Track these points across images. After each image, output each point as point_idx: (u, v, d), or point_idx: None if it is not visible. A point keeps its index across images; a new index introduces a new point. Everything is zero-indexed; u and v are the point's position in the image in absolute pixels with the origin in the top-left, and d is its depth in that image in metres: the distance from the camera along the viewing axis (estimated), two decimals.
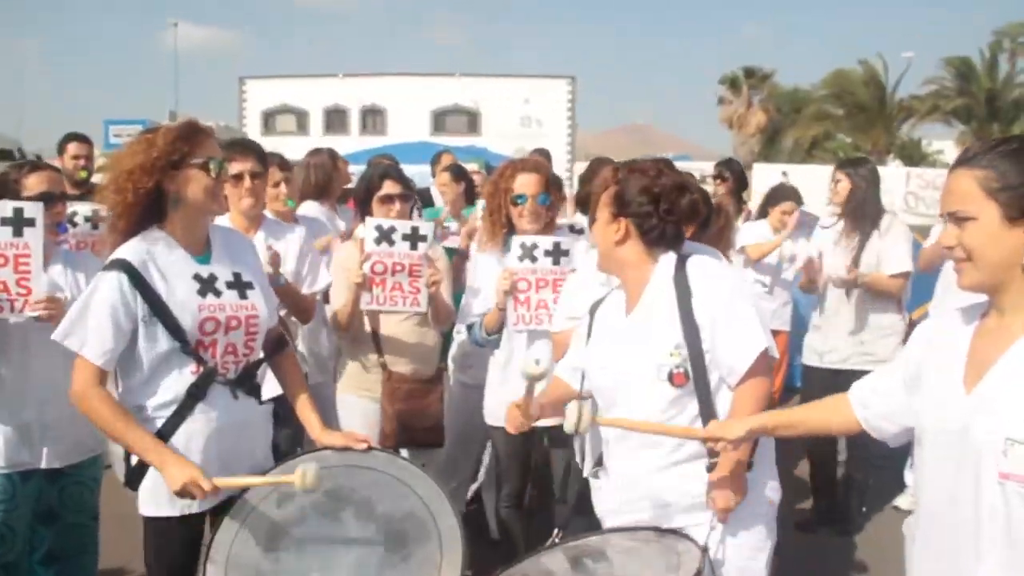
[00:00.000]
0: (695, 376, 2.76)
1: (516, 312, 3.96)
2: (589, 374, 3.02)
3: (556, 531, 2.99)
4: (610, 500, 2.98)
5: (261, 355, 3.14)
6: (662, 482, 2.82)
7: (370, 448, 3.04)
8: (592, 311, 3.12)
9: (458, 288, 4.74)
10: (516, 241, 3.98)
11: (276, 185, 4.72)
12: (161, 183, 2.81)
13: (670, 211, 2.87)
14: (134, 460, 2.89)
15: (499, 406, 4.11)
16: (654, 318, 2.83)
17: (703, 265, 2.88)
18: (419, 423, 4.27)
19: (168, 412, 2.86)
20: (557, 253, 3.96)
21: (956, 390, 2.08)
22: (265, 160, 4.30)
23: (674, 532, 2.72)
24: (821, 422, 2.57)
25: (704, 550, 2.58)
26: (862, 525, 5.55)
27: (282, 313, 4.28)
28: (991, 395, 2.00)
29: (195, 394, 2.87)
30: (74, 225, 4.15)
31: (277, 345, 3.23)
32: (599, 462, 3.11)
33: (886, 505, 5.84)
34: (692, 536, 2.68)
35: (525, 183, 4.05)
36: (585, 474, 3.19)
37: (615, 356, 2.90)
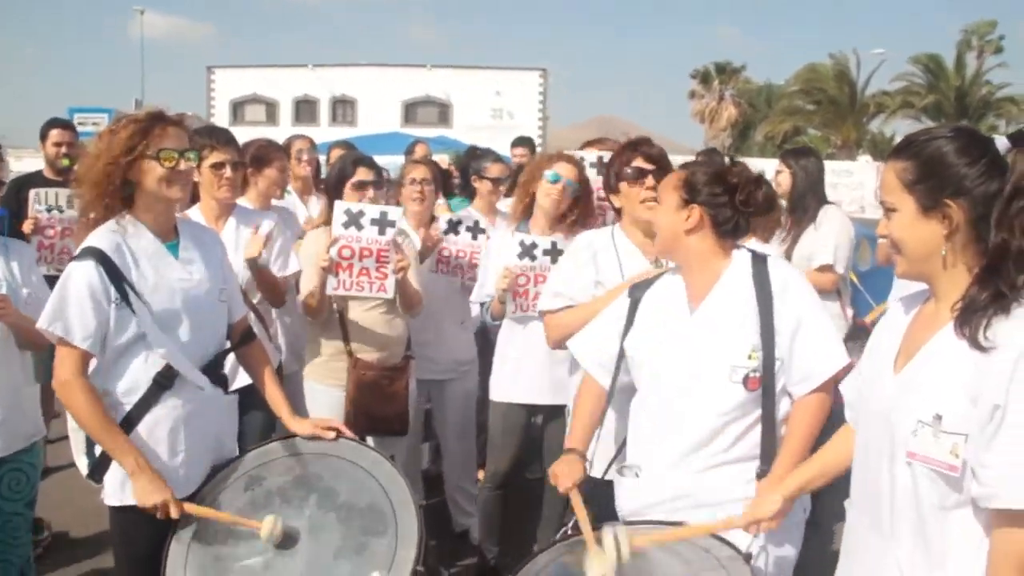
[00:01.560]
0: (765, 382, 2.70)
1: (515, 302, 4.23)
2: (641, 367, 2.91)
3: (567, 525, 2.86)
4: (640, 498, 2.89)
5: (227, 345, 3.15)
6: (706, 482, 2.74)
7: (339, 436, 3.06)
8: (636, 299, 3.01)
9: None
10: (516, 238, 4.23)
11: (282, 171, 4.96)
12: (125, 173, 2.82)
13: (746, 203, 2.81)
14: (97, 452, 2.87)
15: (502, 382, 4.45)
16: (729, 317, 2.75)
17: (786, 268, 2.85)
18: (384, 411, 4.24)
19: (135, 398, 2.85)
20: (554, 252, 4.19)
21: (886, 372, 2.14)
22: (240, 151, 4.33)
23: (718, 538, 2.59)
24: (840, 458, 2.46)
25: (749, 558, 2.50)
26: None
27: (255, 300, 4.26)
28: (912, 377, 2.03)
29: (161, 383, 2.87)
30: (60, 212, 4.09)
31: (244, 337, 3.24)
32: (620, 460, 3.05)
33: None
34: (733, 543, 2.56)
35: (563, 168, 4.27)
36: (595, 474, 3.09)
37: (680, 353, 2.79)
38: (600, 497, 3.10)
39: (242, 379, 3.46)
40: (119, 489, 2.87)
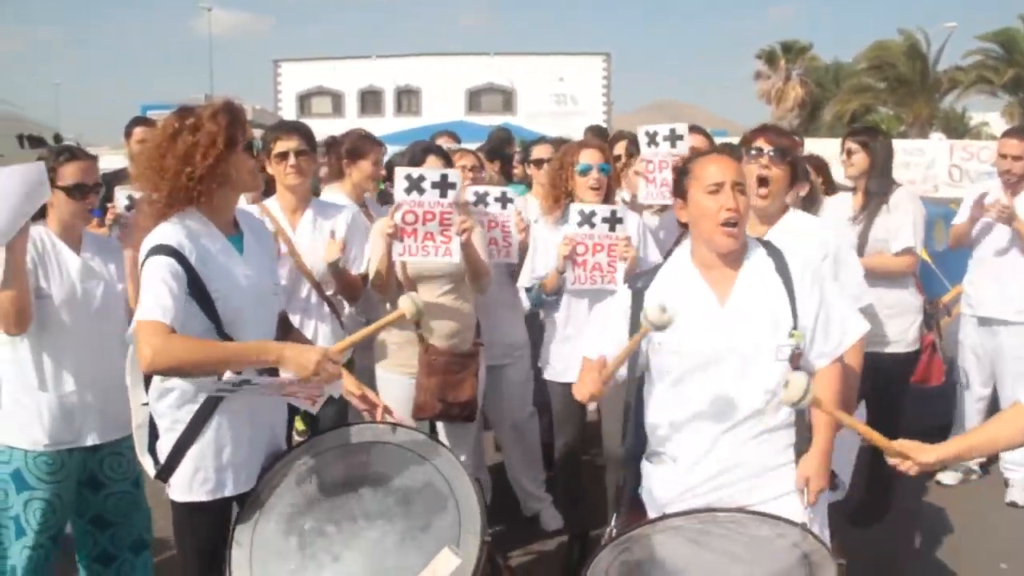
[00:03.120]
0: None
1: (574, 273, 4.37)
2: (673, 356, 2.95)
3: (611, 524, 3.01)
4: (678, 484, 2.95)
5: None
6: (747, 454, 2.89)
7: (385, 423, 3.06)
8: (638, 290, 3.06)
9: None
10: (575, 208, 4.38)
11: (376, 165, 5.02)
12: (216, 165, 2.80)
13: None
14: (162, 456, 2.91)
15: (558, 362, 4.56)
16: (763, 304, 2.91)
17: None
18: (454, 397, 4.29)
19: (199, 402, 2.87)
20: (613, 220, 4.36)
21: None
22: (312, 140, 4.40)
23: (764, 515, 2.68)
24: (993, 439, 2.71)
25: (804, 527, 2.62)
26: (906, 502, 5.47)
27: (329, 292, 4.34)
28: None
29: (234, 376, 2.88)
30: (129, 210, 4.14)
31: (284, 327, 3.27)
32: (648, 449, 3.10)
33: (928, 481, 5.78)
34: (786, 518, 2.66)
35: (589, 155, 4.52)
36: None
37: (720, 341, 2.89)
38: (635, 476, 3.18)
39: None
40: (186, 486, 2.89)
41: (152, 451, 2.97)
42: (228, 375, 2.73)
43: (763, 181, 3.61)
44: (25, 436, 3.52)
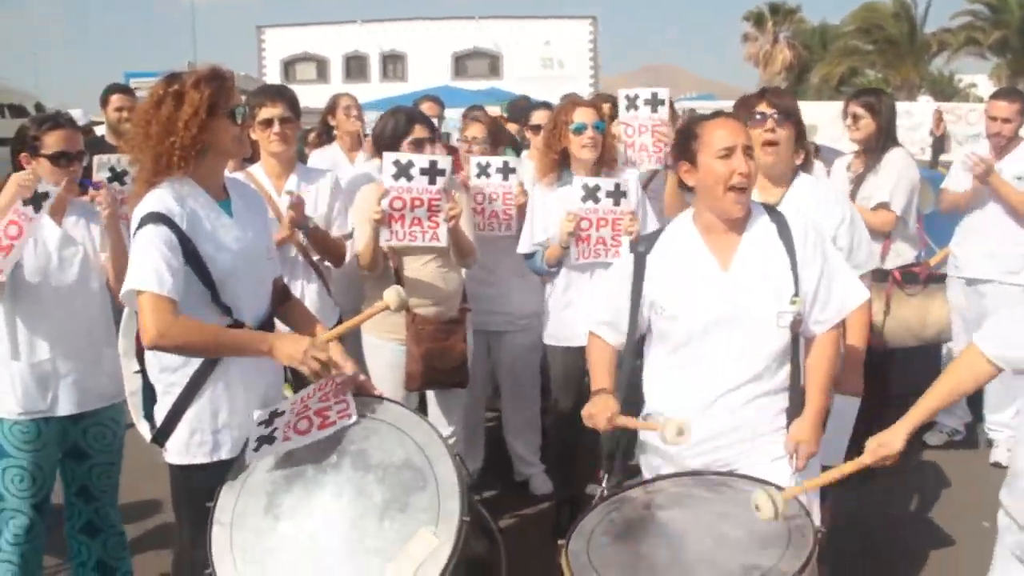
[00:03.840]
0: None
1: (578, 248, 4.37)
2: (674, 320, 2.95)
3: (603, 486, 3.03)
4: (670, 447, 2.93)
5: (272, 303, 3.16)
6: (743, 417, 2.92)
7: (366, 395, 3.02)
8: (640, 253, 3.05)
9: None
10: (579, 182, 4.34)
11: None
12: (199, 134, 2.79)
13: None
14: (159, 417, 2.92)
15: (559, 328, 4.59)
16: (765, 269, 2.91)
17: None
18: (444, 364, 4.30)
19: (197, 361, 2.88)
20: (617, 194, 4.33)
21: None
22: (296, 106, 4.35)
23: (754, 479, 2.74)
24: (953, 390, 2.81)
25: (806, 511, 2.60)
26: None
27: (315, 258, 4.32)
28: None
29: None
30: (122, 183, 4.11)
31: (283, 295, 3.27)
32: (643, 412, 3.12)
33: (914, 441, 5.79)
34: (776, 484, 2.63)
35: (583, 114, 4.45)
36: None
37: (722, 306, 2.89)
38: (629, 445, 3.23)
39: None
40: (183, 448, 2.92)
41: (149, 417, 2.97)
42: (257, 430, 2.82)
43: (771, 143, 3.61)
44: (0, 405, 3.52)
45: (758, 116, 3.66)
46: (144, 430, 3.03)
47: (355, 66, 45.46)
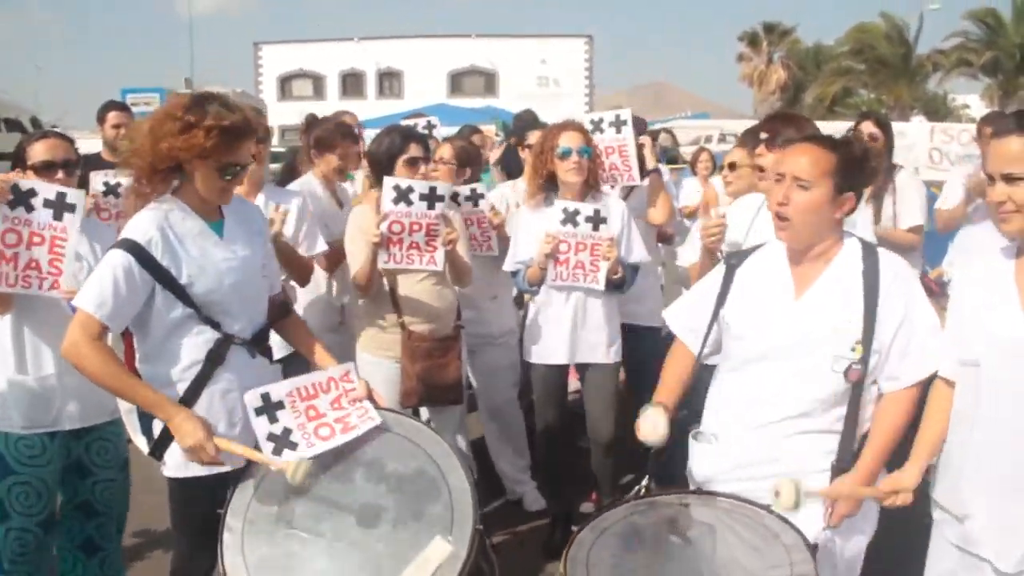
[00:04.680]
0: (862, 374, 2.72)
1: (555, 270, 4.37)
2: (739, 339, 2.91)
3: (644, 482, 2.92)
4: (715, 464, 2.92)
5: (268, 319, 3.20)
6: (787, 448, 2.77)
7: (378, 408, 3.08)
8: (731, 266, 3.01)
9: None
10: (559, 205, 4.34)
11: (343, 159, 4.91)
12: (184, 165, 2.85)
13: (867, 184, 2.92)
14: (157, 431, 2.94)
15: (541, 345, 4.59)
16: (836, 307, 2.75)
17: (897, 262, 2.81)
18: (439, 381, 4.31)
19: (190, 376, 2.92)
20: (596, 219, 4.32)
21: (1016, 314, 2.45)
22: (266, 127, 4.30)
23: (784, 520, 2.57)
24: (945, 418, 2.66)
25: (815, 549, 2.49)
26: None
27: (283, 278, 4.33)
28: None
29: (214, 358, 2.93)
30: (116, 196, 4.17)
31: (282, 311, 3.31)
32: (696, 427, 3.08)
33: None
34: (802, 531, 2.54)
35: (569, 138, 4.43)
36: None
37: (784, 336, 2.79)
38: (677, 458, 3.15)
39: (282, 350, 3.51)
40: (181, 462, 2.93)
41: (146, 431, 2.99)
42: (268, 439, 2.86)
43: (760, 168, 3.73)
44: (4, 419, 3.52)
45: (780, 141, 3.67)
46: (141, 444, 3.05)
47: (351, 83, 45.65)
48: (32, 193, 3.37)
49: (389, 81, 45.51)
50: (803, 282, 2.82)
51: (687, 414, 3.15)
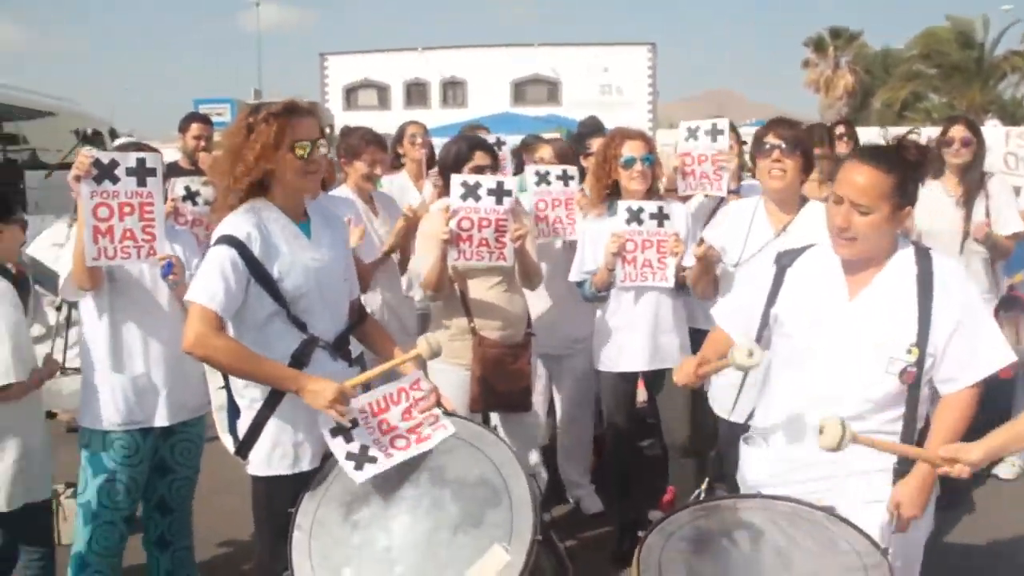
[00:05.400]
0: (916, 376, 2.72)
1: (624, 270, 4.42)
2: (790, 339, 2.91)
3: (702, 487, 2.94)
4: (768, 468, 2.92)
5: (348, 322, 3.29)
6: (837, 454, 2.65)
7: (447, 413, 3.14)
8: (782, 266, 3.00)
9: None
10: (623, 205, 4.41)
11: (372, 165, 4.87)
12: (266, 164, 2.97)
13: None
14: (242, 431, 3.07)
15: (610, 353, 4.63)
16: (890, 309, 2.75)
17: (951, 264, 2.83)
18: (508, 387, 4.33)
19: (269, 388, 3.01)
20: (660, 216, 4.40)
21: None
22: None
23: (851, 525, 2.60)
24: None
25: (885, 553, 2.51)
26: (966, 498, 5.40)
27: None
28: None
29: (299, 359, 3.02)
30: (195, 203, 4.32)
31: (360, 315, 3.40)
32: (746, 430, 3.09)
33: (985, 475, 5.69)
34: (872, 538, 2.55)
35: (632, 147, 4.50)
36: (736, 419, 3.24)
37: (837, 337, 2.80)
38: (732, 459, 3.15)
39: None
40: (265, 461, 3.06)
41: (232, 430, 3.12)
42: (344, 447, 2.94)
43: (779, 171, 3.83)
44: (101, 417, 3.66)
45: (767, 146, 3.84)
46: (228, 443, 3.15)
47: (415, 93, 46.01)
48: (114, 164, 3.46)
49: (453, 90, 45.79)
50: (857, 284, 2.83)
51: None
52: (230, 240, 2.92)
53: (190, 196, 4.33)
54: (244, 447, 3.07)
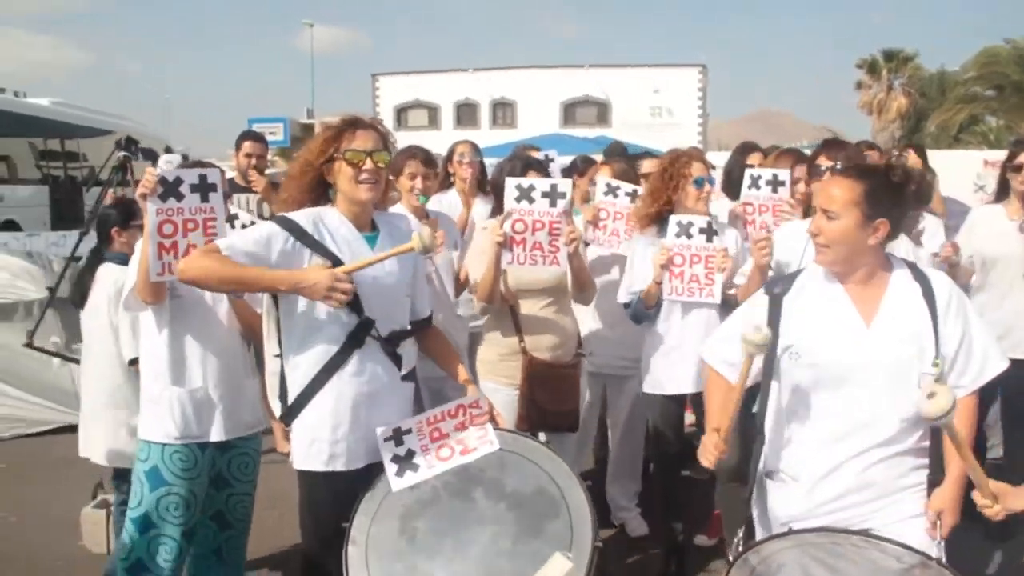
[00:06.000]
0: None
1: (671, 284, 4.42)
2: (811, 369, 2.88)
3: (740, 533, 2.91)
4: (800, 503, 2.90)
5: (408, 327, 3.35)
6: (876, 475, 2.81)
7: (498, 428, 3.19)
8: (776, 295, 3.01)
9: None
10: (673, 219, 4.42)
11: (412, 178, 4.81)
12: (322, 174, 3.14)
13: (909, 208, 2.96)
14: (291, 397, 3.15)
15: (658, 374, 4.61)
16: (908, 329, 2.83)
17: (948, 282, 2.94)
18: (556, 407, 4.34)
19: (327, 358, 3.11)
20: (710, 231, 4.39)
21: None
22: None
23: (893, 542, 2.61)
24: None
25: (939, 562, 2.56)
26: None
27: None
28: None
29: (354, 340, 3.11)
30: (232, 227, 4.37)
31: (424, 322, 3.47)
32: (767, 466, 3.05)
33: None
34: (915, 548, 2.58)
35: (701, 168, 4.52)
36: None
37: (862, 363, 2.82)
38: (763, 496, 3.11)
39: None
40: (303, 455, 3.15)
41: (284, 398, 3.19)
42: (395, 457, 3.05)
43: None
44: (160, 430, 3.75)
45: (820, 168, 3.92)
46: (276, 408, 3.24)
47: (465, 113, 46.30)
48: (179, 182, 3.51)
49: (503, 111, 46.01)
50: (868, 308, 2.88)
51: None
52: (280, 220, 3.08)
53: (229, 220, 4.38)
54: (290, 414, 3.16)
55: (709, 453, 2.89)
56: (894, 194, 2.85)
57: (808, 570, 2.65)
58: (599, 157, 9.14)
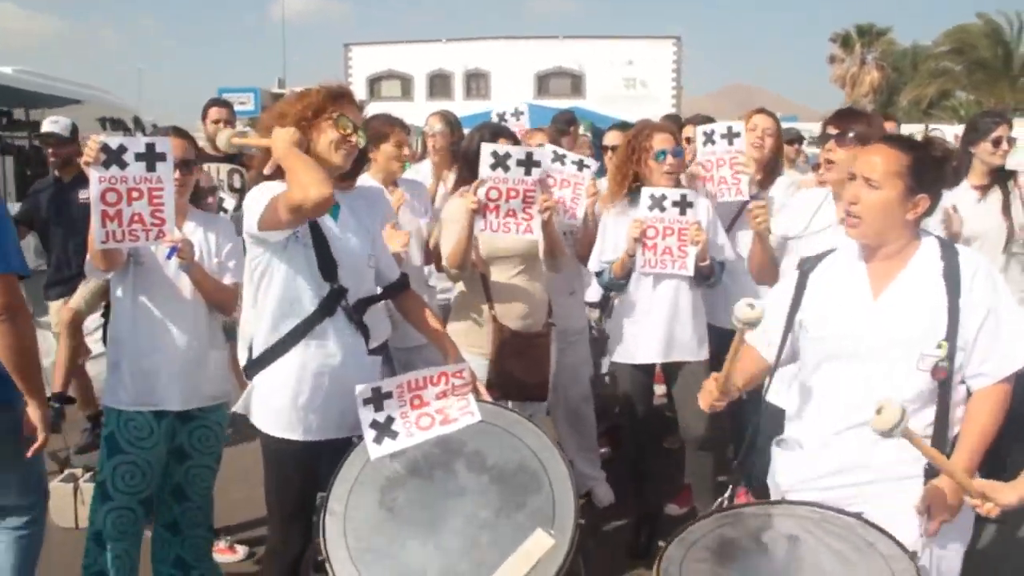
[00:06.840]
0: (948, 371, 2.65)
1: (643, 256, 4.42)
2: (818, 343, 2.86)
3: (727, 493, 2.92)
4: (799, 472, 2.88)
5: (376, 290, 3.37)
6: (876, 455, 2.68)
7: (480, 400, 3.17)
8: (805, 271, 2.97)
9: None
10: (646, 192, 4.40)
11: (399, 146, 4.81)
12: (305, 132, 3.07)
13: (945, 186, 2.83)
14: (256, 351, 3.14)
15: (628, 344, 4.62)
16: (918, 305, 2.70)
17: (977, 258, 2.76)
18: (527, 377, 4.34)
19: (294, 322, 3.09)
20: (683, 204, 4.37)
21: None
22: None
23: (880, 530, 2.52)
24: None
25: (914, 556, 2.43)
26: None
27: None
28: None
29: (323, 311, 3.10)
30: (224, 212, 4.33)
31: (398, 286, 3.48)
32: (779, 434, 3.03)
33: None
34: (900, 541, 2.47)
35: (663, 140, 4.47)
36: (770, 398, 3.14)
37: (865, 337, 2.74)
38: (763, 465, 3.12)
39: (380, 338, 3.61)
40: (263, 418, 3.15)
41: (250, 349, 3.18)
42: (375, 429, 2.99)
43: (828, 162, 3.75)
44: (115, 396, 3.74)
45: (831, 136, 3.81)
46: (242, 359, 3.22)
47: (439, 84, 46.00)
48: (122, 150, 3.39)
49: (476, 82, 45.73)
50: (880, 282, 2.79)
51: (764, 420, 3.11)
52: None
53: (208, 194, 4.34)
54: (251, 367, 3.15)
55: (707, 394, 2.85)
56: (937, 169, 2.76)
57: (791, 540, 2.64)
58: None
